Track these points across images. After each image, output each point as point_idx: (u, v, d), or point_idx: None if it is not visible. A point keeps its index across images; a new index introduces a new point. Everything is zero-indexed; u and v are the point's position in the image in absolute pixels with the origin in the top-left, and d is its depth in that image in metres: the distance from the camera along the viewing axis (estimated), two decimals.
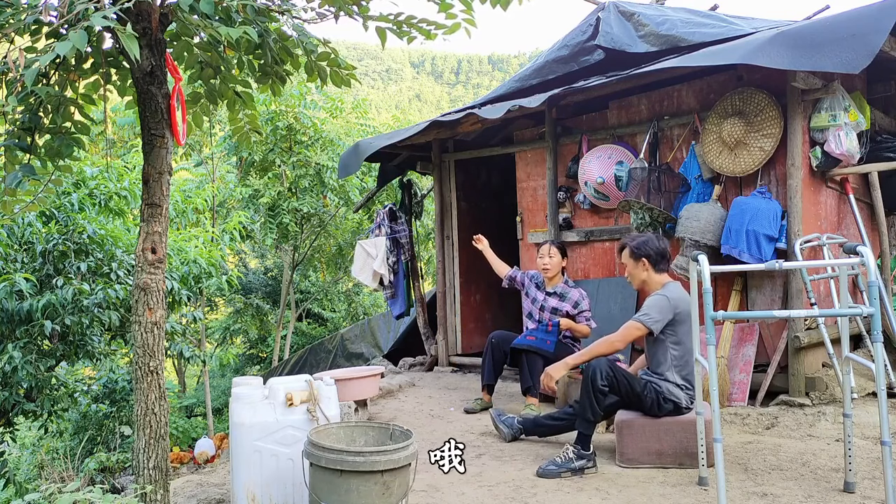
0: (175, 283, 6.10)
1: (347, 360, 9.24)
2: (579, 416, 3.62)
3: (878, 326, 2.75)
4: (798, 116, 4.53)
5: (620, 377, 3.59)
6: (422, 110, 59.38)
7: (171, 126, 2.80)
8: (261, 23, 2.81)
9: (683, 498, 3.15)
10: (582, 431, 3.58)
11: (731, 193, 4.89)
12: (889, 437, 2.75)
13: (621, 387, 3.59)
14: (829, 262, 3.26)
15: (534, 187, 6.19)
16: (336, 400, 3.27)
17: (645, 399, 3.60)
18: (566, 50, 6.03)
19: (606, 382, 3.54)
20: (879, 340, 2.78)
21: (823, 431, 4.05)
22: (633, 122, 5.51)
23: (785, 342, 4.61)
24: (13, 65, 2.21)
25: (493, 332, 5.18)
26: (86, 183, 5.91)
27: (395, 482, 2.70)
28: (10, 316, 5.41)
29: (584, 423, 3.58)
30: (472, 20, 2.82)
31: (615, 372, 3.58)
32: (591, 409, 3.55)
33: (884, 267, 5.18)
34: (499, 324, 6.50)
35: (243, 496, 3.05)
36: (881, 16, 3.78)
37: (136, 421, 2.78)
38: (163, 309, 2.80)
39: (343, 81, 3.16)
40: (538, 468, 3.57)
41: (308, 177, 9.71)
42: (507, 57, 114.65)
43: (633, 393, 3.59)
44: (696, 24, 5.33)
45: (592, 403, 3.54)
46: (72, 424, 8.08)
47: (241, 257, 14.73)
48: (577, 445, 3.56)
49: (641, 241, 3.78)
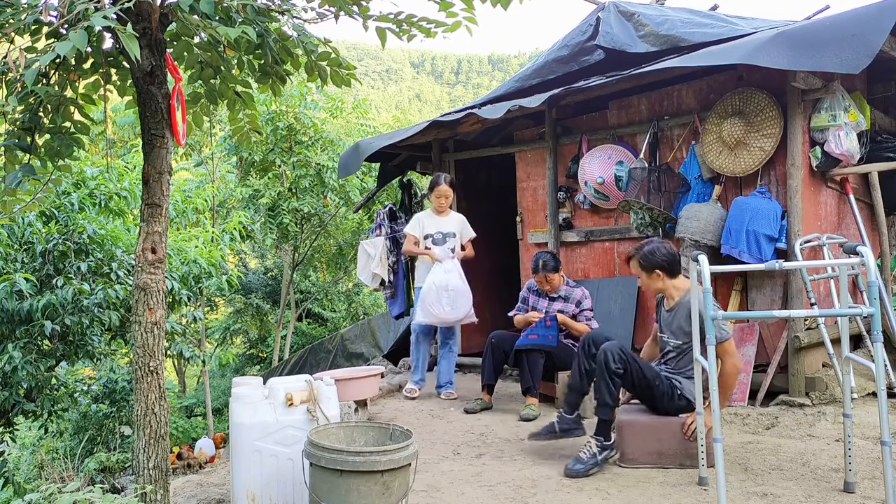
0: (175, 283, 6.10)
1: (347, 360, 9.23)
2: (598, 402, 3.57)
3: (878, 326, 2.74)
4: (798, 116, 4.53)
5: (632, 361, 3.54)
6: (422, 110, 59.38)
7: (171, 126, 2.80)
8: (261, 23, 2.80)
9: (684, 498, 3.15)
10: (602, 418, 3.55)
11: (731, 193, 4.89)
12: (889, 437, 2.75)
13: (633, 372, 3.53)
14: (829, 262, 3.27)
15: (534, 187, 6.19)
16: (336, 400, 3.27)
17: (656, 389, 3.55)
18: (566, 50, 6.03)
19: (620, 365, 3.49)
20: (879, 340, 2.78)
21: (823, 431, 4.05)
22: (633, 122, 5.51)
23: (785, 342, 4.61)
24: (13, 65, 2.21)
25: (493, 332, 5.18)
26: (86, 183, 5.91)
27: (395, 482, 2.70)
28: (10, 316, 5.41)
29: (603, 409, 3.55)
30: (472, 18, 2.82)
31: (627, 355, 3.54)
32: (609, 392, 3.51)
33: (884, 267, 5.18)
34: (499, 324, 6.49)
35: (243, 496, 3.05)
36: (881, 16, 3.78)
37: (136, 421, 2.78)
38: (163, 309, 2.80)
39: (343, 81, 3.16)
40: (565, 467, 3.52)
41: (308, 177, 9.71)
42: (507, 57, 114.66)
43: (645, 380, 3.54)
44: (696, 24, 5.33)
45: (609, 386, 3.50)
46: (72, 424, 8.08)
47: (241, 257, 14.72)
48: (598, 437, 3.55)
49: (648, 251, 3.63)
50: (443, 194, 5.58)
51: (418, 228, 5.64)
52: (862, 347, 5.05)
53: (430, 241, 5.58)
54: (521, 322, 5.10)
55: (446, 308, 5.30)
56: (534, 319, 4.97)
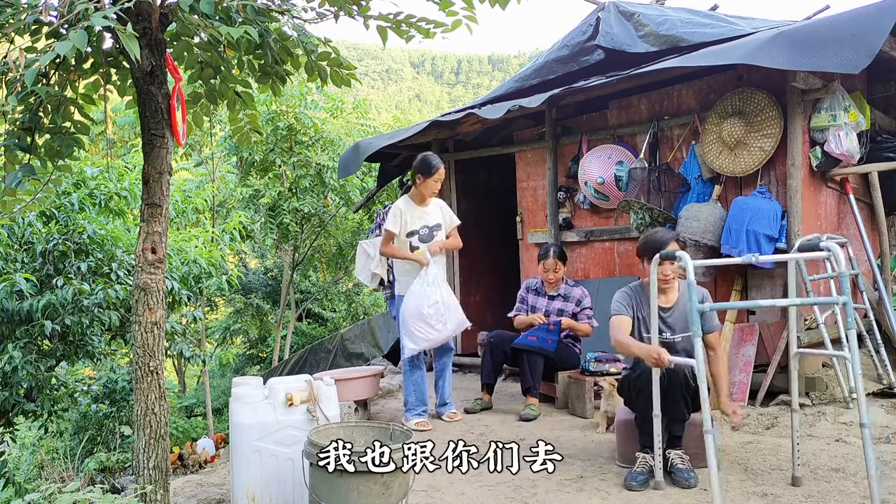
0: (175, 283, 6.10)
1: (347, 360, 9.22)
2: (676, 420, 3.45)
3: (850, 314, 2.87)
4: (798, 116, 4.53)
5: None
6: (422, 110, 59.36)
7: (171, 126, 2.80)
8: (261, 23, 2.80)
9: (684, 498, 3.15)
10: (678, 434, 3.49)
11: (731, 193, 4.89)
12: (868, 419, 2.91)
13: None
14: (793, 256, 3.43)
15: (534, 187, 6.19)
16: (336, 400, 3.27)
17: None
18: (566, 50, 6.03)
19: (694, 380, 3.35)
20: (853, 328, 2.94)
21: (823, 431, 4.05)
22: (633, 122, 5.50)
23: (785, 342, 4.61)
24: (13, 65, 2.21)
25: (492, 332, 5.18)
26: (86, 183, 5.91)
27: (395, 482, 2.70)
28: (10, 316, 5.41)
29: (679, 426, 3.48)
30: (473, 17, 2.82)
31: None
32: (687, 408, 3.43)
33: (884, 267, 5.18)
34: (499, 324, 6.49)
35: (243, 496, 3.05)
36: (881, 16, 3.78)
37: (136, 421, 2.78)
38: (163, 309, 2.80)
39: (343, 81, 3.16)
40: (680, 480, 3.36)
41: (308, 177, 9.71)
42: (507, 57, 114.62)
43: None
44: (696, 24, 5.33)
45: (688, 402, 3.41)
46: (72, 424, 8.08)
47: (241, 257, 14.72)
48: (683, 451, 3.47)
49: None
50: (442, 177, 4.68)
51: (400, 224, 4.64)
52: (862, 347, 5.04)
53: (417, 238, 4.65)
54: (524, 323, 5.00)
55: (436, 327, 4.49)
56: (537, 322, 4.89)
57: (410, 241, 4.62)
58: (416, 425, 4.51)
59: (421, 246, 4.61)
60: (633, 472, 3.40)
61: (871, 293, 5.03)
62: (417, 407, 4.63)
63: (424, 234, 4.65)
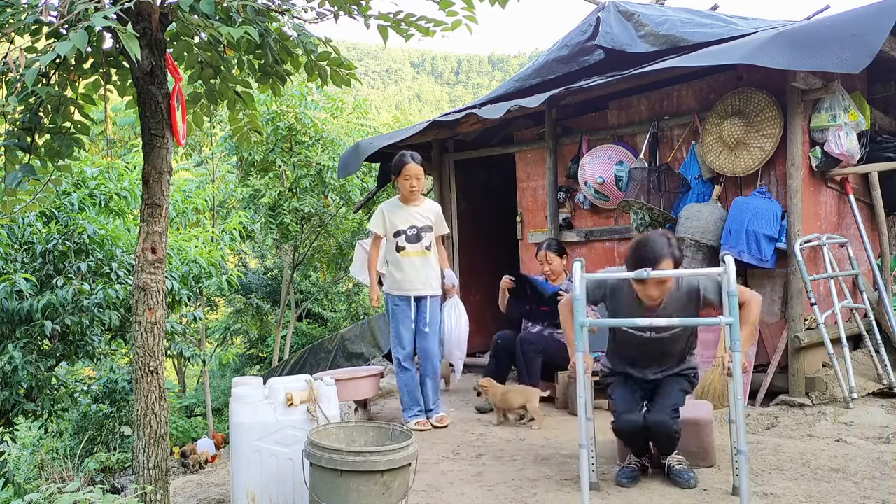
0: (175, 283, 6.10)
1: (347, 360, 9.22)
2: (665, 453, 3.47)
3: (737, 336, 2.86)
4: (798, 116, 4.53)
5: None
6: (422, 110, 59.40)
7: (171, 126, 2.80)
8: (261, 23, 2.80)
9: (684, 498, 3.15)
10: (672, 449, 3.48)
11: (731, 193, 4.89)
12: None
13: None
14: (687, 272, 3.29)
15: (534, 187, 6.19)
16: (336, 400, 3.27)
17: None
18: (566, 50, 6.03)
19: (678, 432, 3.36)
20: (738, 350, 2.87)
21: (823, 431, 4.05)
22: (633, 122, 5.51)
23: (785, 342, 4.61)
24: (13, 65, 2.21)
25: (499, 334, 5.18)
26: (86, 183, 5.91)
27: (395, 482, 2.70)
28: (10, 316, 5.41)
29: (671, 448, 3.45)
30: (473, 16, 2.82)
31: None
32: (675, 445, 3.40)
33: (884, 267, 5.18)
34: (500, 324, 6.48)
35: (243, 496, 3.05)
36: (881, 16, 3.78)
37: (136, 421, 2.78)
38: (163, 309, 2.80)
39: (343, 81, 3.16)
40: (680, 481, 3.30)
41: (309, 177, 9.72)
42: (507, 57, 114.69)
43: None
44: (696, 24, 5.33)
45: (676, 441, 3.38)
46: (72, 424, 8.09)
47: (241, 257, 14.73)
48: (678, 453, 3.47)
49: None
50: (413, 175, 4.46)
51: (383, 224, 4.53)
52: (862, 347, 5.05)
53: (403, 238, 4.52)
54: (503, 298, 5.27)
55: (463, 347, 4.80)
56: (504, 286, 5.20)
57: (397, 241, 4.53)
58: (417, 425, 4.49)
59: (408, 246, 4.51)
60: (623, 469, 3.41)
61: (871, 293, 5.04)
62: (413, 407, 4.61)
63: (411, 235, 4.52)
